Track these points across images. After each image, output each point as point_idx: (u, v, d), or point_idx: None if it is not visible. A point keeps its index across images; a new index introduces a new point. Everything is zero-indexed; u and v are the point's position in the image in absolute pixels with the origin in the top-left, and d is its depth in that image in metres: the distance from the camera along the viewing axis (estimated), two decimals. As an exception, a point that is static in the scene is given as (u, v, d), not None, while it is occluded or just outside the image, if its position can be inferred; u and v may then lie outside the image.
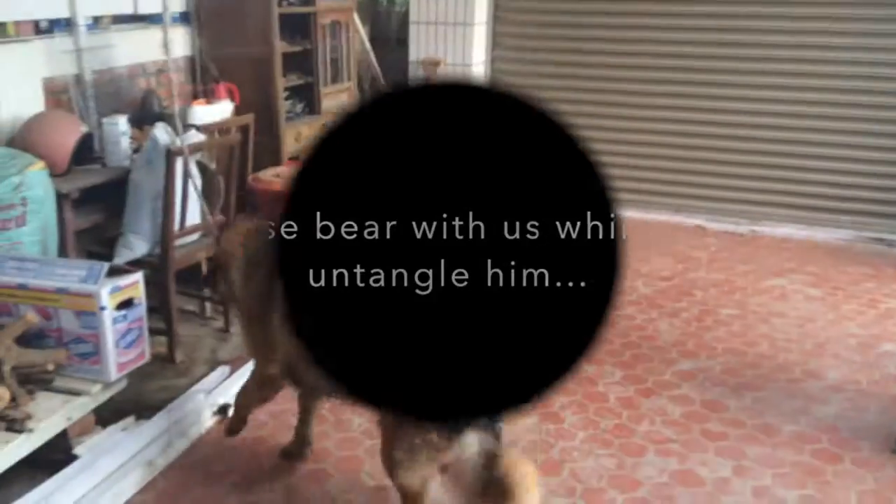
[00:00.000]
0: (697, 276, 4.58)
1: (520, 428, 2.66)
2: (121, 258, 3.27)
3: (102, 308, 2.62)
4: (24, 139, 3.23)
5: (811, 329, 3.90)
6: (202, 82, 4.52)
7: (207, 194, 3.58)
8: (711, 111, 5.41)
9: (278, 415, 3.06)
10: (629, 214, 5.63)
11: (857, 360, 3.59)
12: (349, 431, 2.97)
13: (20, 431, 2.39)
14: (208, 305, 3.91)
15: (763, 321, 3.98)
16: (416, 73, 5.75)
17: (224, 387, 3.14)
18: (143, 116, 3.91)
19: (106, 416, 2.84)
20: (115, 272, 2.73)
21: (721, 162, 5.49)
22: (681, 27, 5.34)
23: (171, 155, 3.23)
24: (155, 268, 3.31)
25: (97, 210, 3.44)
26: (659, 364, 3.53)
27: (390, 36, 6.24)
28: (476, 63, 5.69)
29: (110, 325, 2.65)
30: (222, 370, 3.29)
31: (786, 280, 4.53)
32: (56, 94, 3.68)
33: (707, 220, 5.55)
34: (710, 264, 4.77)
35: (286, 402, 3.15)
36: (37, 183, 2.94)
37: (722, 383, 3.37)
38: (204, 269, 3.71)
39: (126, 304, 2.71)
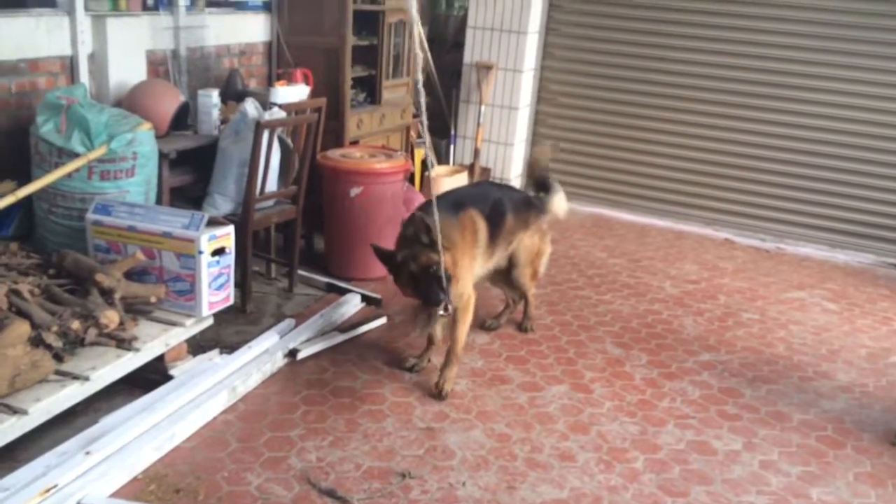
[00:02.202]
0: (722, 283, 4.88)
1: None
2: (207, 214, 3.64)
3: (200, 252, 3.01)
4: (132, 102, 3.62)
5: (826, 337, 4.20)
6: (279, 66, 4.90)
7: (284, 166, 3.96)
8: (746, 132, 5.71)
9: (338, 363, 3.42)
10: (662, 224, 5.97)
11: (866, 366, 3.88)
12: (402, 383, 3.32)
13: (128, 350, 2.77)
14: (273, 267, 4.28)
15: (781, 327, 4.28)
16: (469, 74, 6.11)
17: (291, 335, 3.50)
18: (227, 92, 4.30)
19: (194, 348, 3.22)
20: (211, 223, 3.11)
21: (751, 181, 5.79)
22: (724, 52, 5.64)
23: (259, 127, 3.60)
24: (235, 226, 3.67)
25: (188, 171, 3.83)
26: (682, 353, 3.84)
27: (447, 38, 6.60)
28: (527, 69, 6.03)
29: (206, 268, 3.03)
30: (289, 322, 3.65)
31: (805, 293, 4.82)
32: (156, 65, 4.08)
33: (735, 234, 5.86)
34: (734, 274, 5.07)
35: (346, 353, 3.52)
36: (145, 140, 3.33)
37: (739, 375, 3.68)
38: (273, 233, 4.10)
39: (219, 252, 3.10)
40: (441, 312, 3.01)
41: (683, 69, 5.80)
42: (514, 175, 6.29)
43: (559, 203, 3.98)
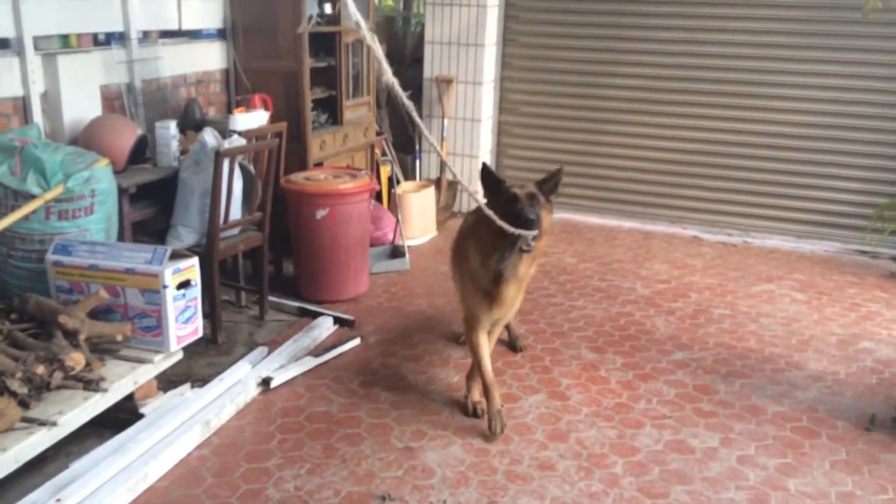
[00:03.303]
0: (692, 280, 4.93)
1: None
2: (170, 247, 3.61)
3: (165, 287, 2.98)
4: (87, 139, 3.58)
5: (796, 328, 4.25)
6: (238, 93, 4.89)
7: (248, 193, 3.94)
8: (707, 130, 5.79)
9: (313, 388, 3.40)
10: (630, 225, 6.02)
11: (836, 354, 3.93)
12: (378, 404, 3.31)
13: (96, 391, 2.73)
14: (243, 295, 4.25)
15: (752, 320, 4.33)
16: (430, 89, 6.13)
17: (264, 363, 3.47)
18: (186, 122, 4.28)
19: (164, 384, 3.18)
20: (174, 256, 3.08)
21: (715, 177, 5.87)
22: (682, 52, 5.72)
23: (219, 156, 3.58)
24: (200, 257, 3.64)
25: (149, 205, 3.79)
26: (656, 353, 3.87)
27: (406, 54, 6.63)
28: (487, 81, 6.07)
29: (171, 302, 3.00)
30: (261, 350, 3.63)
31: (774, 285, 4.88)
32: (111, 99, 4.05)
33: (702, 231, 5.92)
34: (704, 271, 5.13)
35: (321, 378, 3.50)
36: (103, 177, 3.29)
37: (713, 371, 3.71)
38: (241, 261, 4.07)
39: (184, 284, 3.07)
40: (524, 247, 2.91)
41: (642, 72, 5.87)
42: (481, 186, 6.29)
43: None
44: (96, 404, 2.71)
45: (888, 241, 5.42)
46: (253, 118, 4.23)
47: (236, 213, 3.84)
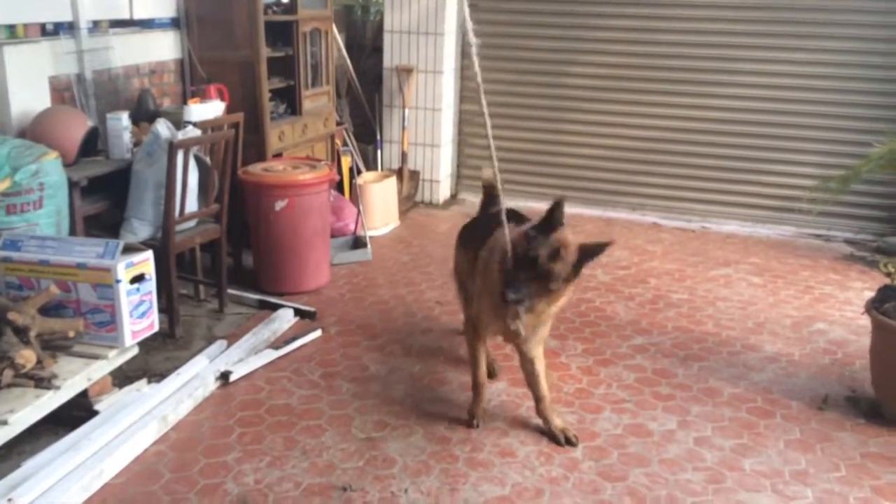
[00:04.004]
0: (652, 267, 4.98)
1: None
2: (124, 241, 3.54)
3: (118, 281, 2.92)
4: (35, 131, 3.49)
5: (752, 311, 4.32)
6: (192, 83, 4.81)
7: (203, 185, 3.89)
8: (665, 117, 5.86)
9: (273, 381, 3.37)
10: (591, 213, 6.07)
11: (791, 336, 4.01)
12: (340, 395, 3.29)
13: (48, 388, 2.68)
14: (202, 288, 4.20)
15: (709, 304, 4.40)
16: (390, 78, 6.10)
17: (223, 357, 3.43)
18: (139, 114, 4.19)
19: (120, 380, 3.13)
20: (127, 250, 3.03)
21: (673, 164, 5.93)
22: (640, 41, 5.77)
23: (173, 147, 3.52)
24: (156, 251, 3.58)
25: (101, 198, 3.71)
26: (616, 339, 3.91)
27: (365, 44, 6.58)
28: (447, 70, 6.06)
29: (125, 297, 2.95)
30: (220, 343, 3.58)
31: (731, 269, 4.96)
32: (60, 91, 3.95)
33: (662, 217, 5.99)
34: (663, 256, 5.19)
35: (281, 370, 3.47)
36: (52, 170, 3.22)
37: (671, 355, 3.76)
38: (198, 254, 4.02)
39: (138, 279, 3.01)
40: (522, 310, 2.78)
41: (602, 60, 5.90)
42: (443, 176, 6.30)
43: None
44: (48, 402, 2.65)
45: (844, 225, 5.55)
46: (208, 109, 4.17)
47: (192, 205, 3.78)
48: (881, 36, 5.27)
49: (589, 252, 2.73)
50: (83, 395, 2.86)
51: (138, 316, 3.01)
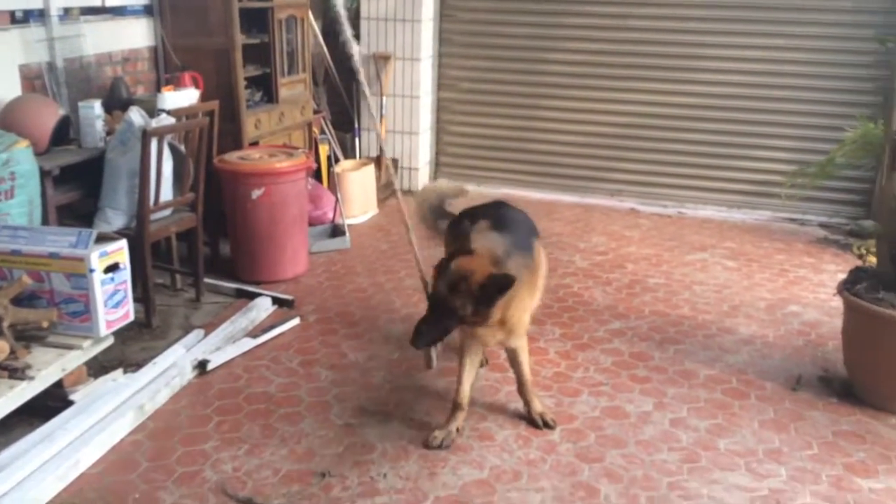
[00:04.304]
0: (629, 252, 5.02)
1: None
2: (98, 231, 3.50)
3: (92, 270, 2.90)
4: (5, 120, 3.44)
5: (727, 294, 4.37)
6: (166, 71, 4.75)
7: (178, 173, 3.85)
8: (643, 104, 5.88)
9: (252, 369, 3.37)
10: (570, 199, 6.09)
11: (765, 318, 4.06)
12: (318, 383, 3.29)
13: (22, 379, 2.65)
14: (178, 278, 4.17)
15: (686, 288, 4.44)
16: (367, 66, 6.06)
17: (200, 346, 3.42)
18: (112, 102, 4.14)
19: (96, 370, 3.11)
20: (101, 239, 3.00)
21: (651, 150, 5.97)
22: (616, 27, 5.78)
23: (146, 136, 3.48)
24: (131, 240, 3.55)
25: (74, 187, 3.67)
26: (593, 324, 3.94)
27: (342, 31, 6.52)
28: (424, 57, 6.03)
29: (99, 286, 2.92)
30: (197, 332, 3.57)
31: (707, 254, 5.01)
32: (31, 79, 3.89)
33: (639, 203, 6.03)
34: (640, 241, 5.22)
35: (259, 359, 3.46)
36: (23, 159, 3.17)
37: (648, 338, 3.79)
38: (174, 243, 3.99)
39: (113, 268, 2.99)
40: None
41: (579, 47, 5.91)
42: (422, 163, 6.29)
43: None
44: (22, 392, 2.63)
45: (818, 209, 5.62)
46: (182, 97, 4.13)
47: (167, 194, 3.75)
48: (854, 21, 5.32)
49: (497, 283, 2.48)
50: (58, 385, 2.84)
51: (113, 306, 2.99)
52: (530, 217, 3.26)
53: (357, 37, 6.10)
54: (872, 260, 4.35)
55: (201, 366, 3.28)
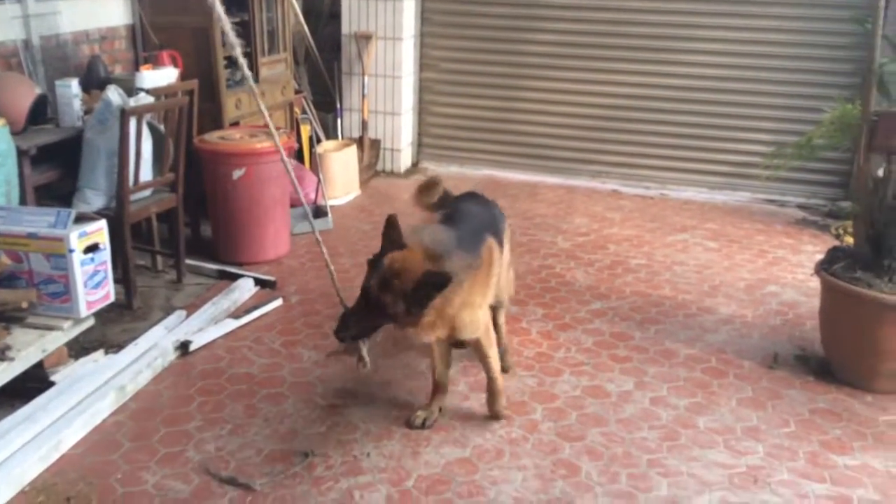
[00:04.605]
0: (611, 233, 5.05)
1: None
2: (77, 211, 3.47)
3: (71, 251, 2.87)
4: (-20, 99, 3.39)
5: (708, 275, 4.41)
6: (144, 49, 4.69)
7: (158, 154, 3.81)
8: (624, 85, 5.89)
9: (234, 350, 3.36)
10: (553, 181, 6.10)
11: (745, 298, 4.11)
12: (302, 363, 3.29)
13: (1, 360, 2.63)
14: (160, 259, 4.14)
15: (667, 269, 4.47)
16: (349, 45, 6.02)
17: (182, 327, 3.40)
18: (90, 81, 4.09)
19: (76, 351, 3.09)
20: (80, 219, 2.97)
21: (633, 132, 5.98)
22: (599, 7, 5.77)
23: (124, 115, 3.44)
24: (111, 221, 3.51)
25: (52, 167, 3.62)
26: (575, 304, 3.96)
27: (323, 10, 6.46)
28: (406, 37, 5.99)
29: (79, 267, 2.89)
30: (179, 313, 3.55)
31: (688, 235, 5.05)
32: (6, 57, 3.83)
33: (621, 184, 6.06)
34: (622, 223, 5.25)
35: (242, 340, 3.46)
36: (-1, 138, 3.13)
37: (629, 318, 3.83)
38: (155, 224, 3.96)
39: (92, 248, 2.96)
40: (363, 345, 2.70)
41: (562, 27, 5.90)
42: (405, 144, 6.27)
43: None
44: (2, 374, 2.61)
45: (797, 190, 5.68)
46: (161, 76, 4.08)
47: (147, 174, 3.71)
48: (833, 2, 5.34)
49: (432, 282, 2.36)
50: (38, 366, 2.82)
51: (93, 286, 2.97)
52: (497, 210, 3.12)
53: (336, 15, 6.07)
54: (850, 240, 4.41)
55: (183, 347, 3.27)
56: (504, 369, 3.13)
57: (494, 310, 3.13)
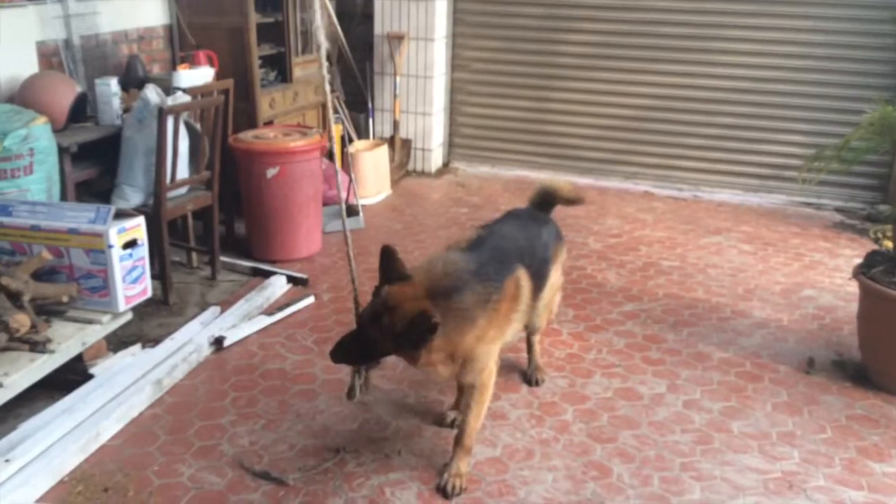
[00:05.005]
0: (643, 234, 5.01)
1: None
2: (116, 208, 3.53)
3: (110, 246, 2.92)
4: (24, 97, 3.47)
5: (742, 278, 4.36)
6: (181, 49, 4.76)
7: (194, 152, 3.87)
8: (660, 86, 5.83)
9: (267, 346, 3.39)
10: (584, 181, 6.07)
11: (780, 302, 4.05)
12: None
13: (43, 352, 2.69)
14: (195, 256, 4.20)
15: (700, 271, 4.43)
16: (381, 45, 6.04)
17: (217, 323, 3.45)
18: (128, 80, 4.16)
19: (115, 345, 3.14)
20: (119, 215, 3.02)
21: (667, 133, 5.92)
22: (635, 7, 5.72)
23: (162, 114, 3.50)
24: (148, 218, 3.57)
25: (92, 164, 3.70)
26: (606, 306, 3.94)
27: (356, 11, 6.50)
28: (438, 37, 6.00)
29: (118, 262, 2.95)
30: (214, 309, 3.60)
31: (722, 237, 4.99)
32: (48, 56, 3.91)
33: (654, 186, 6.00)
34: (655, 224, 5.21)
35: (274, 336, 3.49)
36: (42, 135, 3.20)
37: (661, 321, 3.79)
38: (190, 221, 4.01)
39: (131, 244, 3.01)
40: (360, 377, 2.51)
41: (596, 27, 5.86)
42: (435, 144, 6.28)
43: None
44: (43, 365, 2.67)
45: (835, 193, 5.58)
46: (197, 75, 4.14)
47: (183, 171, 3.77)
48: (872, 3, 5.25)
49: (419, 326, 2.16)
50: (78, 359, 2.88)
51: (131, 281, 3.02)
52: (546, 232, 2.88)
53: (369, 16, 6.10)
54: (888, 244, 4.32)
55: (218, 342, 3.31)
56: (533, 381, 3.13)
57: (528, 333, 3.09)
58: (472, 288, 2.36)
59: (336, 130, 5.67)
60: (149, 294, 3.14)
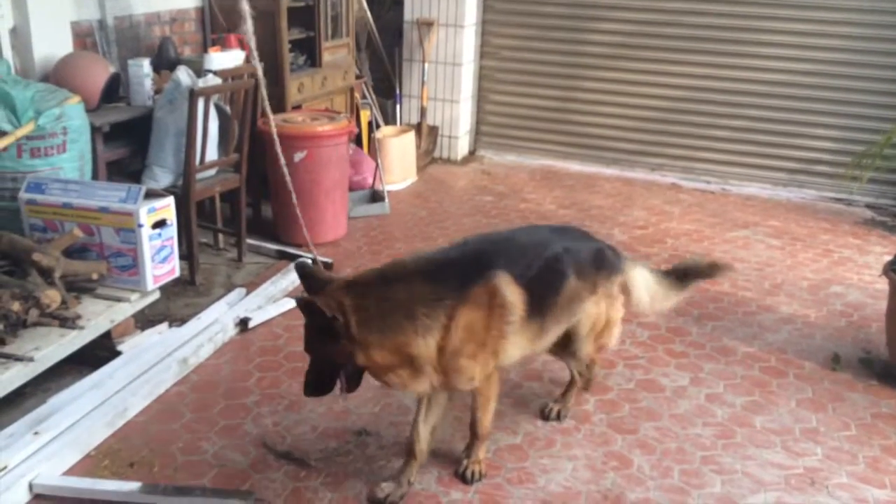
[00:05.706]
0: (670, 227, 4.97)
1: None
2: (147, 188, 3.58)
3: (140, 225, 2.97)
4: (58, 76, 3.52)
5: (769, 272, 4.31)
6: (213, 32, 4.79)
7: (224, 134, 3.90)
8: (690, 77, 5.77)
9: (292, 329, 3.43)
10: (610, 172, 6.03)
11: (807, 298, 4.01)
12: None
13: (72, 328, 2.74)
14: (221, 237, 4.24)
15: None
16: (410, 32, 6.04)
17: (242, 304, 3.48)
18: (160, 61, 4.20)
19: (142, 323, 3.19)
20: (149, 195, 3.06)
21: (695, 125, 5.86)
22: (663, -5, 5.68)
23: (193, 96, 3.53)
24: (177, 198, 3.61)
25: (123, 145, 3.75)
26: (631, 297, 3.92)
27: (386, -4, 6.50)
28: (468, 24, 5.98)
29: (147, 241, 2.99)
30: (239, 291, 3.64)
31: (749, 231, 4.94)
32: (82, 36, 3.96)
33: (681, 178, 5.95)
34: (681, 217, 5.16)
35: (299, 319, 3.51)
36: (75, 115, 3.24)
37: (686, 314, 3.77)
38: (218, 203, 4.05)
39: (160, 224, 3.06)
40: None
41: (626, 17, 5.80)
42: (462, 132, 6.27)
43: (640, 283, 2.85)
44: (73, 341, 2.72)
45: (866, 189, 5.48)
46: (228, 58, 4.16)
47: (212, 153, 3.80)
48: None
49: (308, 308, 2.12)
50: (106, 336, 2.93)
51: (160, 261, 3.06)
52: (579, 250, 2.60)
53: (399, 1, 6.09)
54: (921, 243, 4.25)
55: (243, 323, 3.35)
56: (548, 414, 2.87)
57: (565, 360, 2.83)
58: (410, 283, 2.18)
59: (363, 115, 5.69)
60: (176, 274, 3.19)
